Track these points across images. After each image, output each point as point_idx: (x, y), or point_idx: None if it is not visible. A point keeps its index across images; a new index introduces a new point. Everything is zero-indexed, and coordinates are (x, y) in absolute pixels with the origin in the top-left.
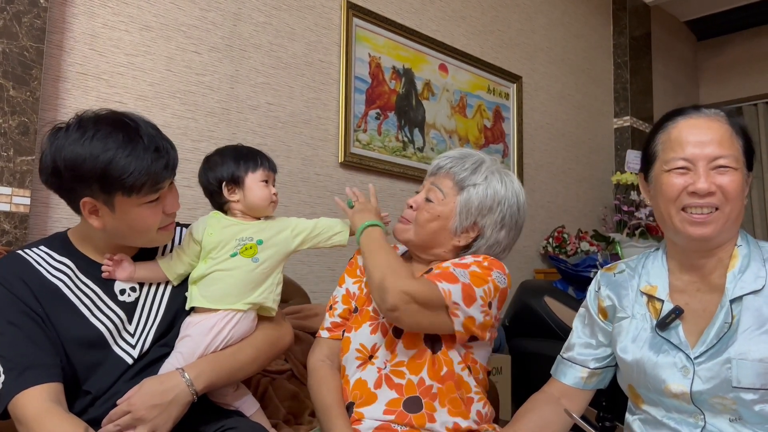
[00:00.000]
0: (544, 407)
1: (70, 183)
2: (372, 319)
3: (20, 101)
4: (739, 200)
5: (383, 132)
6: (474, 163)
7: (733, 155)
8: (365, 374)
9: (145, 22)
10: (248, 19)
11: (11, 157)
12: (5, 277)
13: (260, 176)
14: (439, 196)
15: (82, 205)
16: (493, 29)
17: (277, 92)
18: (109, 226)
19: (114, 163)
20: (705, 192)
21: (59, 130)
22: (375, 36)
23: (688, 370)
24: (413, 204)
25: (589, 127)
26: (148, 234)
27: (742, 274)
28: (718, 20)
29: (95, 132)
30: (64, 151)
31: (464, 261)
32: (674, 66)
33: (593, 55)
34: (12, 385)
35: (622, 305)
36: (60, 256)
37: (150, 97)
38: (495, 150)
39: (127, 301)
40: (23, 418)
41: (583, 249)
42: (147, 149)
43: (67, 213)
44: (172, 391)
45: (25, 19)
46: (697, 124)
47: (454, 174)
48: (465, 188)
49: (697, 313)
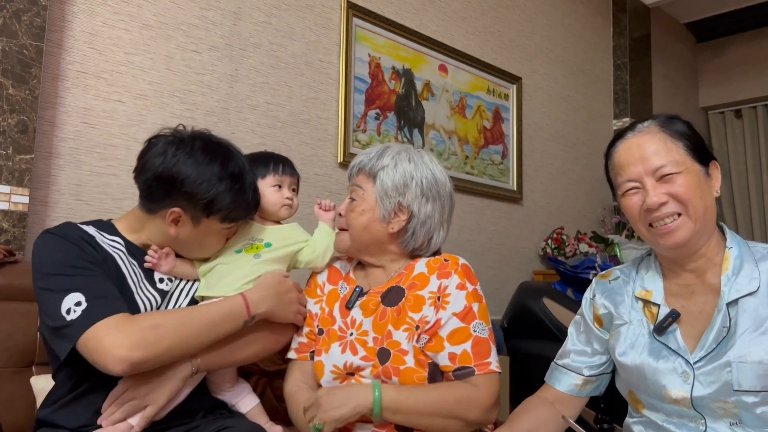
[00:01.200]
0: (539, 408)
1: (174, 193)
2: (339, 339)
3: (19, 99)
4: (698, 197)
5: (383, 132)
6: (378, 150)
7: (673, 160)
8: None
9: (145, 21)
10: (248, 19)
11: (10, 156)
12: (69, 236)
13: (270, 181)
14: (360, 192)
15: (169, 214)
16: (493, 30)
17: (277, 92)
18: (182, 237)
19: (225, 194)
20: (657, 205)
21: (180, 143)
22: (375, 36)
23: (688, 375)
24: (342, 211)
25: (588, 129)
26: (209, 251)
27: (736, 277)
28: (718, 22)
29: (215, 159)
30: (186, 168)
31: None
32: (674, 67)
33: (593, 56)
34: (100, 310)
35: (619, 312)
36: (110, 235)
37: (149, 96)
38: (494, 151)
39: (165, 290)
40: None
41: (582, 250)
42: (249, 187)
43: (65, 212)
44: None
45: (25, 18)
46: (632, 144)
47: (364, 166)
48: (376, 175)
49: (694, 316)
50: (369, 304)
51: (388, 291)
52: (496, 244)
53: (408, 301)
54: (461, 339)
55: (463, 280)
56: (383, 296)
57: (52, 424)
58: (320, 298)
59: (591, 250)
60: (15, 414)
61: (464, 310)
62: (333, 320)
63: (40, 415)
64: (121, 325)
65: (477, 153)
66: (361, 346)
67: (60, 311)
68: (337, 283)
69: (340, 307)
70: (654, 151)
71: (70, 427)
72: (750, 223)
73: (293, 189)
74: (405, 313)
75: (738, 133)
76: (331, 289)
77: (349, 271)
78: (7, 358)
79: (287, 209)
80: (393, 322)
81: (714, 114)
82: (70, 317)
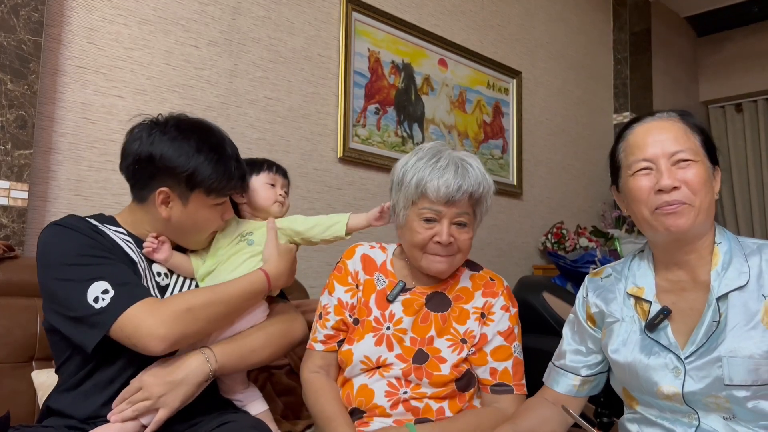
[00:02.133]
0: (541, 407)
1: (156, 173)
2: (375, 330)
3: (18, 95)
4: (706, 191)
5: (382, 127)
6: (474, 170)
7: (691, 148)
8: (372, 382)
9: (144, 16)
10: (247, 13)
11: (9, 151)
12: (78, 227)
13: (264, 179)
14: (469, 218)
15: (158, 194)
16: (493, 24)
17: (276, 87)
18: (175, 218)
19: (206, 164)
20: (670, 187)
21: (156, 125)
22: (374, 30)
23: (679, 371)
24: (450, 240)
25: (588, 123)
26: (203, 235)
27: (726, 271)
28: (719, 16)
29: (191, 134)
30: (162, 145)
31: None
32: (674, 62)
33: (593, 50)
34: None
35: (610, 310)
36: (113, 227)
37: (148, 91)
38: (494, 145)
39: (161, 284)
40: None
41: (581, 245)
42: (230, 157)
43: (65, 207)
44: (185, 368)
45: (23, 12)
46: (652, 126)
47: (473, 194)
48: (481, 200)
49: (685, 312)
50: (413, 303)
51: (433, 295)
52: (496, 238)
53: (453, 312)
54: (504, 357)
55: (508, 302)
56: (428, 299)
57: (60, 412)
58: (352, 286)
59: (591, 245)
60: (16, 409)
61: (508, 330)
62: (369, 311)
63: (49, 402)
64: (154, 308)
65: (477, 148)
66: (397, 342)
67: (86, 300)
68: (373, 274)
69: (378, 298)
70: (674, 136)
71: (78, 416)
72: (750, 217)
73: (285, 191)
74: (450, 324)
75: (738, 128)
76: (367, 279)
77: (386, 262)
78: (8, 353)
79: (279, 206)
80: (437, 329)
81: (714, 108)
82: (99, 305)
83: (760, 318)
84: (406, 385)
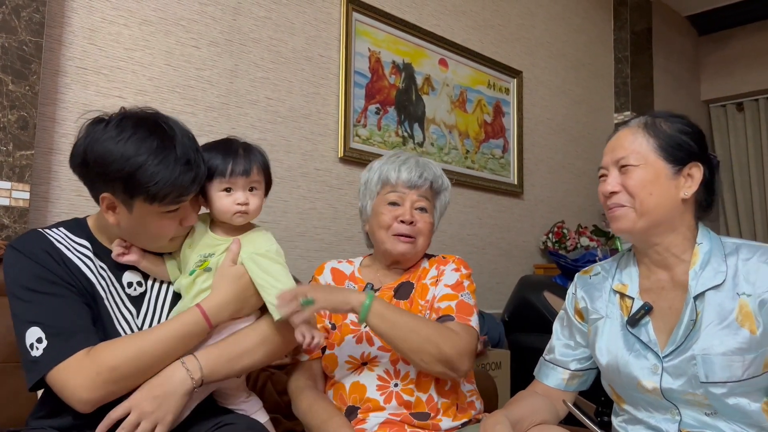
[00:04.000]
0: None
1: (95, 176)
2: (353, 331)
3: (19, 95)
4: (647, 193)
5: (383, 127)
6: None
7: (636, 153)
8: (362, 378)
9: (145, 17)
10: (248, 14)
11: (10, 152)
12: (30, 250)
13: (217, 186)
14: (428, 204)
15: (101, 200)
16: (494, 24)
17: (277, 87)
18: (123, 225)
19: (143, 169)
20: (608, 192)
21: (99, 122)
22: (375, 30)
23: (657, 368)
24: (413, 219)
25: (589, 122)
26: (160, 241)
27: (703, 270)
28: (720, 15)
29: (132, 134)
30: (97, 145)
31: (455, 279)
32: (675, 61)
33: (594, 49)
34: (60, 350)
35: (595, 307)
36: (78, 237)
37: (149, 92)
38: (495, 145)
39: (133, 295)
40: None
41: (582, 244)
42: (178, 161)
43: (67, 208)
44: (170, 380)
45: (24, 14)
46: (614, 136)
47: (434, 181)
48: (440, 194)
49: (664, 311)
50: (383, 298)
51: (399, 286)
52: (497, 238)
53: (417, 292)
54: (448, 299)
55: (459, 265)
56: (395, 290)
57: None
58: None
59: (592, 244)
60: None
61: (455, 283)
62: (344, 315)
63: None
64: (80, 367)
65: (478, 147)
66: (376, 336)
67: (25, 344)
68: (344, 282)
69: None
70: (622, 143)
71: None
72: (752, 215)
73: (251, 188)
74: (416, 303)
75: (740, 127)
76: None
77: (354, 271)
78: (8, 354)
79: (241, 215)
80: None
81: (716, 107)
82: (33, 354)
83: (734, 317)
84: (395, 376)
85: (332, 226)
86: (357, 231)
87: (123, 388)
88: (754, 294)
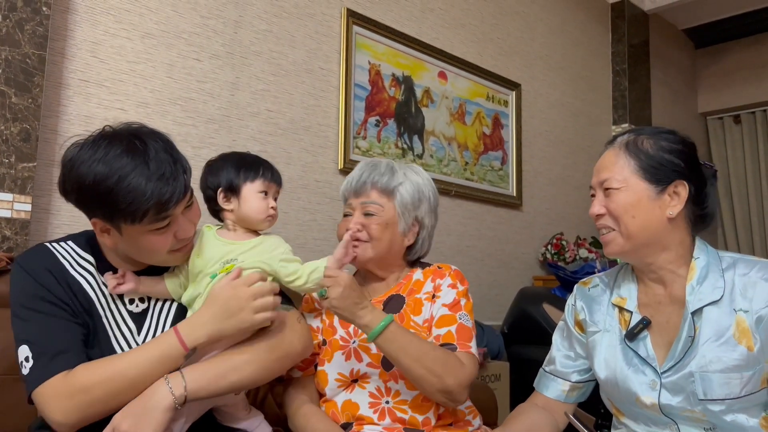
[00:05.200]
0: (532, 411)
1: (77, 204)
2: (342, 348)
3: (22, 108)
4: (629, 216)
5: (383, 139)
6: (386, 167)
7: (617, 176)
8: (354, 396)
9: (147, 30)
10: (249, 27)
11: (13, 164)
12: (32, 267)
13: (258, 186)
14: (377, 208)
15: (93, 225)
16: (493, 37)
17: (278, 99)
18: (120, 247)
19: (115, 192)
20: (594, 215)
21: (75, 147)
22: (375, 43)
23: (655, 383)
24: (358, 226)
25: (587, 135)
26: (159, 256)
27: (700, 286)
28: (717, 28)
29: (104, 154)
30: (72, 172)
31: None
32: (672, 73)
33: (592, 62)
34: (41, 371)
35: (594, 320)
36: (84, 252)
37: (151, 104)
38: (494, 157)
39: (135, 312)
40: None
41: (581, 256)
42: (150, 178)
43: (68, 219)
44: (150, 397)
45: (28, 27)
46: (601, 156)
47: (376, 183)
48: (393, 191)
49: (661, 325)
50: None
51: (389, 299)
52: (496, 249)
53: (409, 306)
54: (447, 323)
55: (455, 280)
56: (384, 304)
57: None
58: (318, 311)
59: (591, 256)
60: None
61: (452, 302)
62: (334, 330)
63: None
64: (56, 390)
65: (476, 159)
66: (365, 352)
67: (19, 360)
68: None
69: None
70: (606, 164)
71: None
72: (750, 228)
73: (275, 199)
74: (408, 319)
75: (737, 139)
76: None
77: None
78: (9, 366)
79: (270, 221)
80: None
81: (713, 120)
82: (23, 371)
83: (732, 333)
84: (387, 393)
85: (332, 237)
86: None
87: (99, 412)
88: (751, 310)
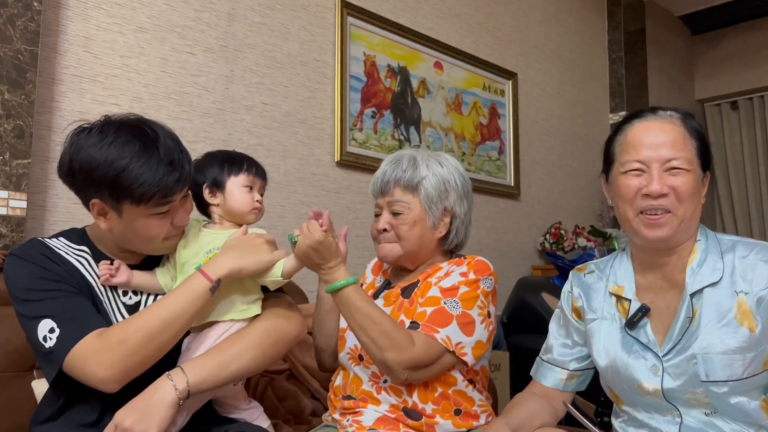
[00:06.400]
0: (530, 400)
1: (83, 184)
2: None
3: (15, 104)
4: (692, 201)
5: (379, 130)
6: (408, 161)
7: (686, 157)
8: (359, 371)
9: (139, 24)
10: (242, 20)
11: (7, 161)
12: (32, 256)
13: (243, 181)
14: (403, 206)
15: (91, 206)
16: (488, 26)
17: (273, 92)
18: (116, 230)
19: (126, 172)
20: (658, 194)
21: (83, 131)
22: (370, 34)
23: (657, 369)
24: (387, 226)
25: (584, 123)
26: (153, 243)
27: (700, 268)
28: (713, 14)
29: (114, 138)
30: (81, 153)
31: (452, 283)
32: (669, 60)
33: (588, 50)
34: (74, 333)
35: (591, 307)
36: (77, 245)
37: (145, 99)
38: (491, 147)
39: (129, 304)
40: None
41: (580, 245)
42: (161, 162)
43: (64, 216)
44: (153, 393)
45: (19, 23)
46: (651, 126)
47: (399, 180)
48: (417, 186)
49: (662, 310)
50: (391, 295)
51: (408, 286)
52: (494, 239)
53: (419, 289)
54: (429, 304)
55: (469, 270)
56: (403, 289)
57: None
58: (362, 283)
59: (589, 245)
60: (17, 418)
61: (449, 287)
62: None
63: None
64: (93, 347)
65: (474, 149)
66: None
67: (38, 339)
68: (378, 273)
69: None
70: (672, 141)
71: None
72: (748, 214)
73: (262, 195)
74: (416, 302)
75: (734, 125)
76: (372, 279)
77: (389, 268)
78: (8, 363)
79: (256, 214)
80: (405, 311)
81: (710, 106)
82: (48, 345)
83: (733, 315)
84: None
85: None
86: (355, 235)
87: (138, 361)
88: (751, 292)
